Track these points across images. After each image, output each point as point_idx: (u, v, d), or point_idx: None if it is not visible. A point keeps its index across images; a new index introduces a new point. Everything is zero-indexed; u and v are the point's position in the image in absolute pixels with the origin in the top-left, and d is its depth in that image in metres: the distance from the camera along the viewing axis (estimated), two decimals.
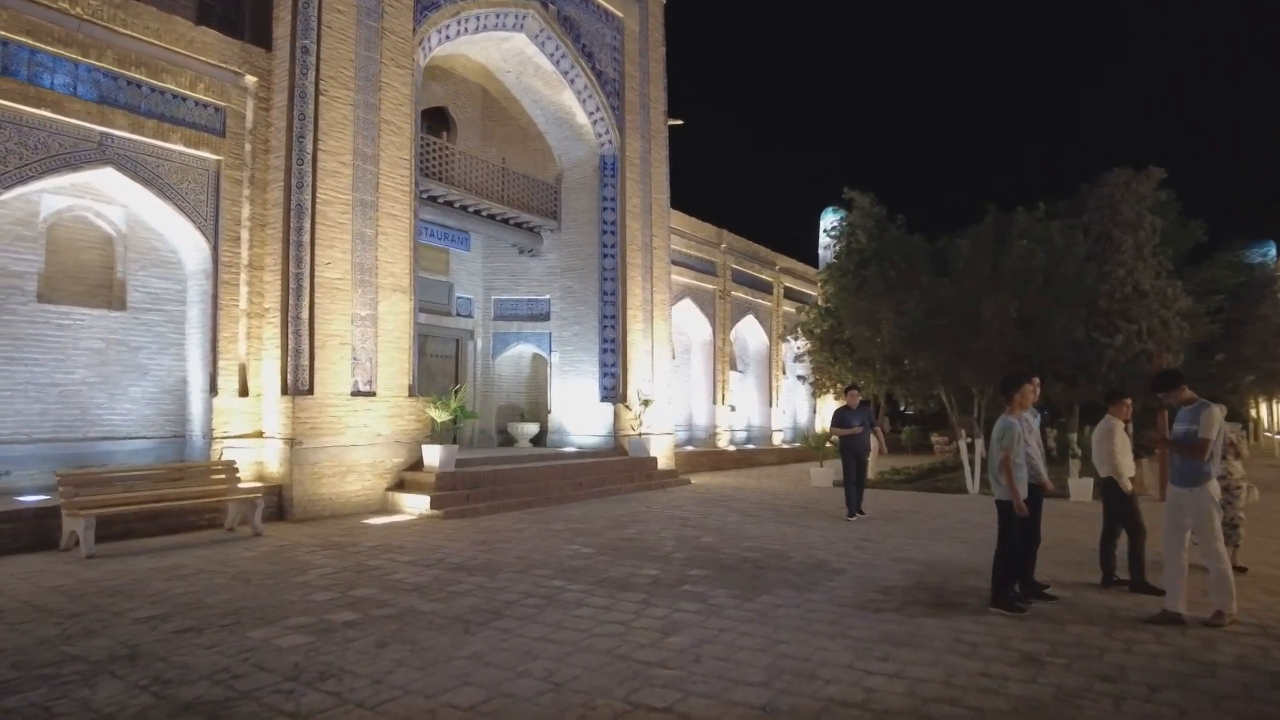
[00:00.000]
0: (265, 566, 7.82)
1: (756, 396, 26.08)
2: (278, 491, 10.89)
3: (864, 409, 11.88)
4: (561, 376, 17.49)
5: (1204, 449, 5.65)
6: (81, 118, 9.61)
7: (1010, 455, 6.12)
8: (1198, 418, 5.74)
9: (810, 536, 9.89)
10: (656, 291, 18.12)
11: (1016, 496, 6.06)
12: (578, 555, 8.42)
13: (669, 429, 18.17)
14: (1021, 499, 6.07)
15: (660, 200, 18.50)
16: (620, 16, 17.51)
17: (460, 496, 11.77)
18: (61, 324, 10.10)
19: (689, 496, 14.39)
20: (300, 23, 11.34)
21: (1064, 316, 14.66)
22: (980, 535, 9.98)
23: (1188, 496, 5.79)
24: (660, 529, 10.34)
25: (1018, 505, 6.05)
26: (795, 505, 13.31)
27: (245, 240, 11.26)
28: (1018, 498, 6.06)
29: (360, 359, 11.75)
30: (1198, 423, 5.73)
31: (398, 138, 12.46)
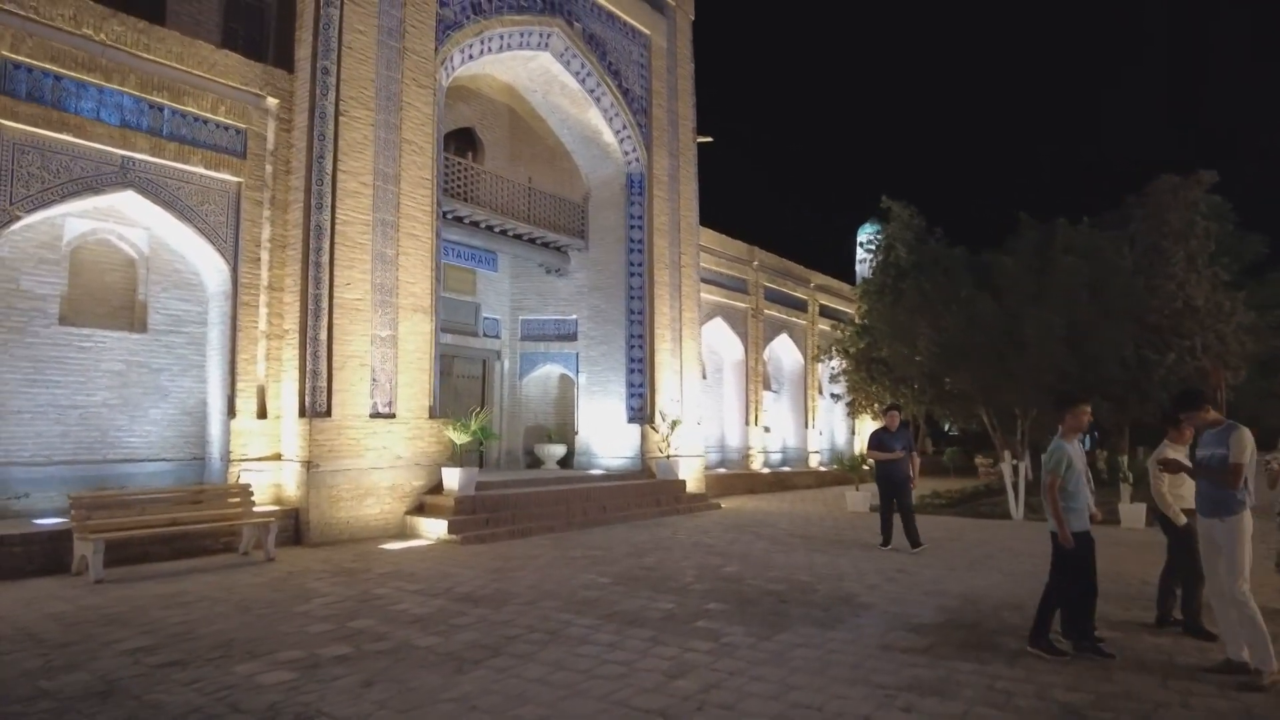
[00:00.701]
0: (269, 594, 7.61)
1: (792, 417, 25.49)
2: (294, 515, 10.74)
3: (904, 431, 11.01)
4: (588, 397, 17.20)
5: (1238, 475, 5.05)
6: (104, 141, 9.67)
7: (1057, 480, 5.58)
8: (1226, 441, 5.15)
9: (842, 566, 9.38)
10: (685, 310, 17.78)
11: (1062, 526, 5.52)
12: (591, 585, 8.06)
13: (698, 450, 17.74)
14: (1069, 530, 5.51)
15: (689, 218, 18.21)
16: (647, 34, 17.36)
17: (479, 521, 11.50)
18: (83, 346, 10.13)
19: (717, 521, 13.93)
20: (321, 44, 11.35)
21: (1112, 333, 13.94)
22: (1023, 565, 9.36)
23: (1219, 528, 5.17)
24: (682, 557, 9.92)
25: (1063, 535, 5.51)
26: (829, 531, 12.77)
27: (265, 261, 11.23)
28: (1063, 527, 5.51)
29: (380, 380, 11.60)
30: (1226, 446, 5.13)
31: (419, 157, 12.38)
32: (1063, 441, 5.71)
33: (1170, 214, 15.01)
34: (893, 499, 10.67)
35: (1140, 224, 15.46)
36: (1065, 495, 5.61)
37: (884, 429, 10.98)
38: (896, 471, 10.60)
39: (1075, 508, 5.62)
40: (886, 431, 10.86)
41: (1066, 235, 14.62)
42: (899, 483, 10.60)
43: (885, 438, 10.77)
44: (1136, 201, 16.15)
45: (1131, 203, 16.28)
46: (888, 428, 10.92)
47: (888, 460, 10.67)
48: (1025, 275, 14.32)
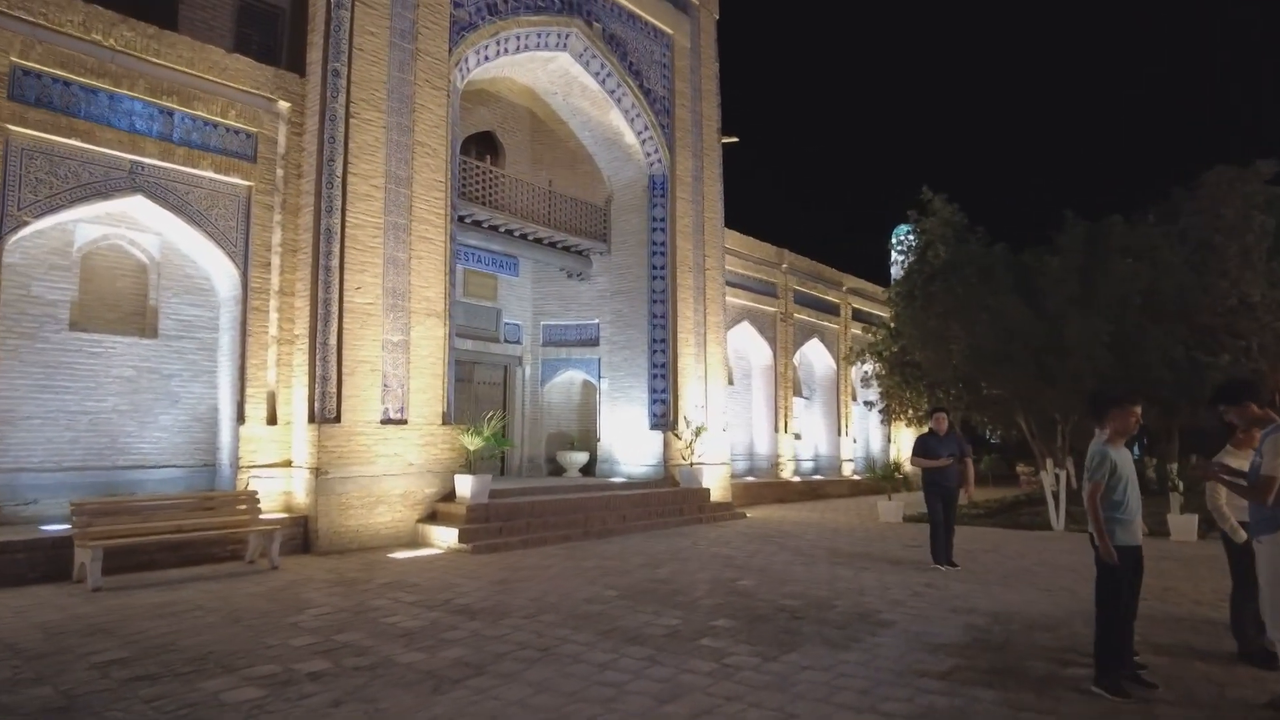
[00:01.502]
0: (263, 604, 7.38)
1: (824, 424, 24.83)
2: (303, 523, 10.56)
3: (953, 436, 9.98)
4: (610, 403, 16.86)
5: (1265, 489, 4.31)
6: (112, 147, 9.64)
7: (1099, 487, 4.96)
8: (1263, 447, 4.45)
9: (865, 580, 8.86)
10: (710, 314, 17.35)
11: (1103, 537, 4.89)
12: (596, 599, 7.68)
13: (724, 458, 17.27)
14: (1110, 542, 4.89)
15: (713, 220, 17.80)
16: (670, 33, 17.04)
17: (492, 530, 11.21)
18: (93, 352, 10.10)
19: (741, 532, 13.45)
20: (332, 47, 11.24)
21: (1162, 335, 13.15)
22: (1062, 580, 8.75)
23: (1258, 550, 4.52)
24: (698, 569, 9.49)
25: (1103, 548, 4.89)
26: (857, 543, 12.21)
27: (276, 266, 11.12)
28: (1104, 539, 4.89)
29: (391, 386, 11.40)
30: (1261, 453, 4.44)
31: (433, 160, 12.20)
32: (1106, 446, 5.07)
33: (1225, 207, 14.16)
34: (942, 509, 9.65)
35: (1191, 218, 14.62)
36: (1110, 505, 4.97)
37: (930, 433, 9.96)
38: (946, 480, 9.63)
39: (1123, 519, 4.97)
40: (933, 436, 9.85)
41: (1120, 233, 13.81)
42: (949, 493, 9.66)
43: (932, 443, 9.76)
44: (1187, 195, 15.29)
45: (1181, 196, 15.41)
46: (935, 431, 9.90)
47: (935, 468, 9.63)
48: (1069, 277, 13.57)
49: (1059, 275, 13.46)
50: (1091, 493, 5.00)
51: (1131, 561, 4.98)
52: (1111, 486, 5.00)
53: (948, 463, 9.59)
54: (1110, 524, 4.95)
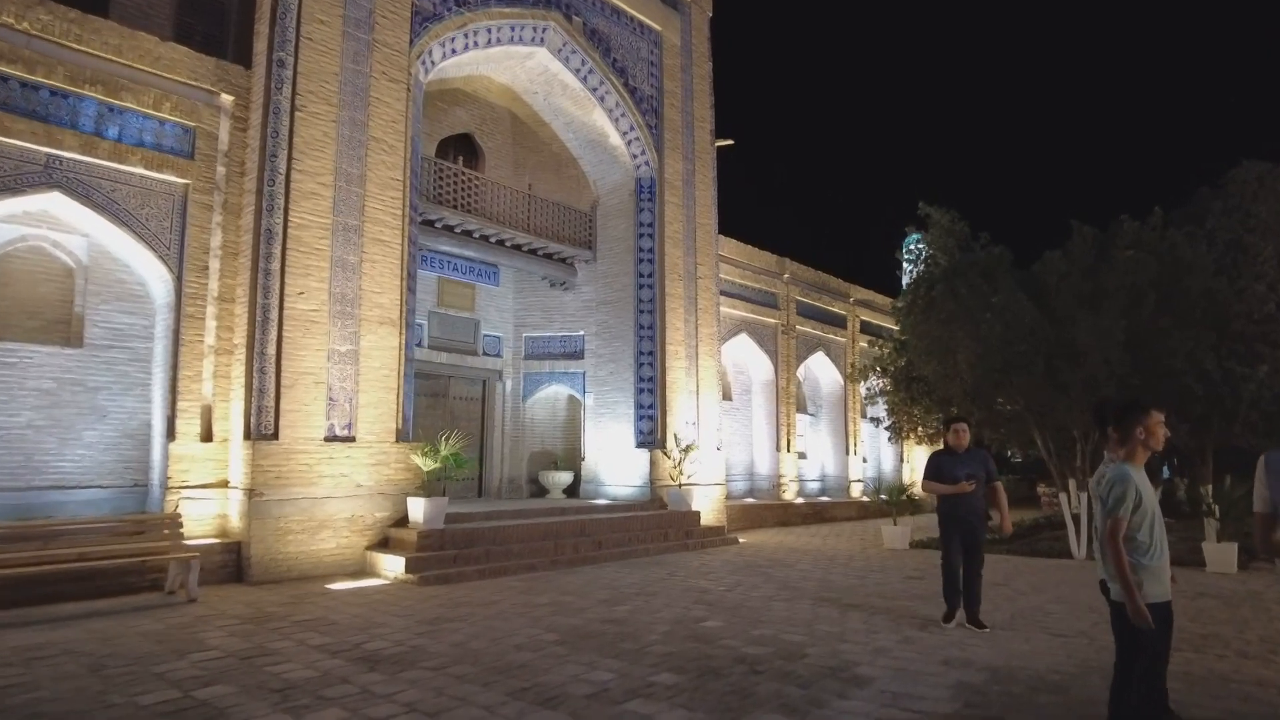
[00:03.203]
0: (147, 647, 6.41)
1: (831, 442, 23.62)
2: (236, 549, 9.62)
3: (977, 454, 7.70)
4: (596, 420, 15.85)
5: None
6: (25, 138, 8.86)
7: (1121, 524, 3.79)
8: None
9: (850, 621, 7.73)
10: (703, 325, 16.31)
11: (1132, 594, 3.71)
12: (529, 645, 6.63)
13: (718, 478, 16.15)
14: (1141, 600, 3.70)
15: (706, 225, 16.82)
16: (658, 30, 16.17)
17: (446, 559, 10.19)
18: (6, 362, 9.28)
19: (728, 560, 12.32)
20: (277, 35, 10.45)
21: (1188, 342, 11.93)
22: (1079, 623, 7.57)
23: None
24: (663, 606, 8.41)
25: (1134, 608, 3.69)
26: (853, 574, 11.06)
27: (215, 270, 10.27)
28: (1134, 598, 3.69)
29: (338, 400, 10.47)
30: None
31: (389, 156, 11.34)
32: (1126, 466, 3.89)
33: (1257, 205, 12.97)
34: (959, 551, 7.45)
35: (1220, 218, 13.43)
36: (1135, 547, 3.82)
37: (945, 450, 7.67)
38: (966, 510, 7.35)
39: (1151, 565, 3.80)
40: (949, 454, 7.58)
41: (1131, 232, 12.68)
42: (971, 529, 7.38)
43: (948, 462, 7.49)
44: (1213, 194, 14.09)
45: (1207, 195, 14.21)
46: (952, 448, 7.60)
47: (954, 493, 7.37)
48: (1078, 273, 12.41)
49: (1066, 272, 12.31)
50: (1112, 532, 3.81)
51: (1161, 622, 3.81)
52: (1135, 523, 3.84)
53: (968, 487, 7.29)
54: (1136, 573, 3.80)
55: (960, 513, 7.41)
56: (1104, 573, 3.99)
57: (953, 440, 7.66)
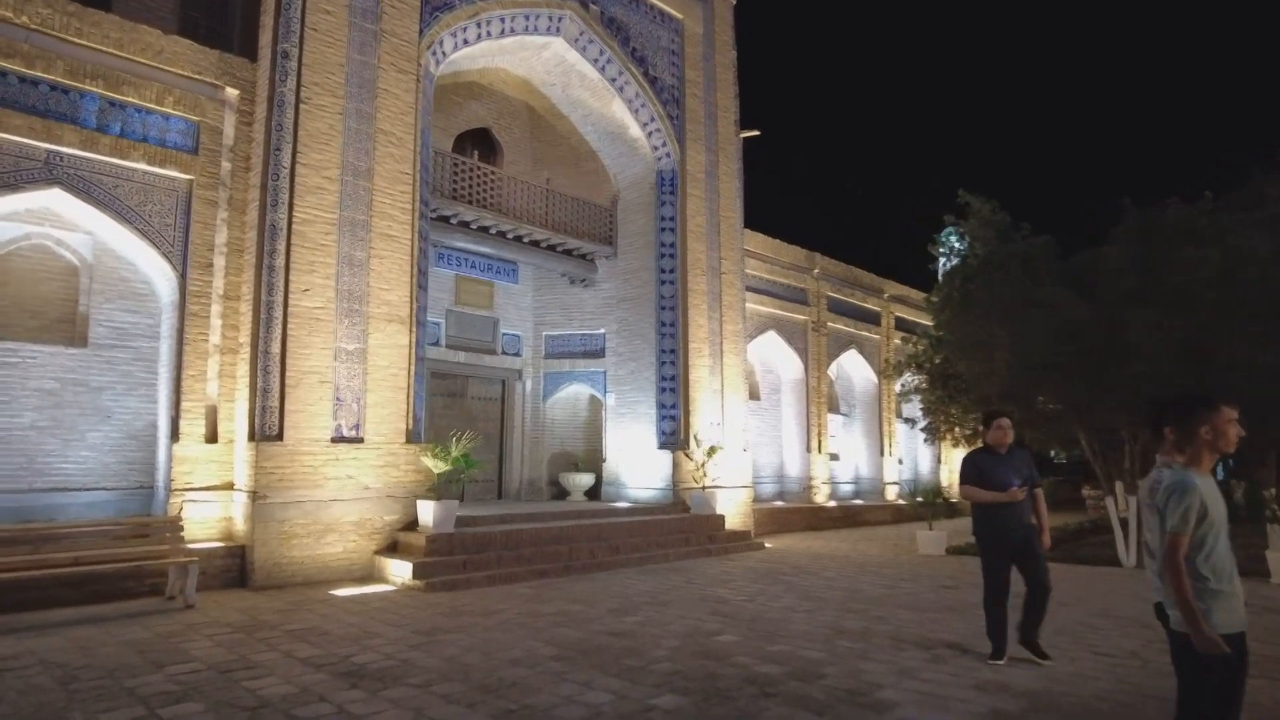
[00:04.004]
0: (128, 658, 6.12)
1: (864, 443, 22.86)
2: (240, 554, 9.36)
3: (1020, 455, 6.53)
4: (617, 420, 15.40)
5: None
6: (23, 134, 8.69)
7: (1183, 541, 3.17)
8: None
9: (875, 635, 7.17)
10: (727, 322, 15.78)
11: (1198, 624, 3.10)
12: (527, 659, 6.20)
13: (744, 481, 15.59)
14: (1209, 628, 3.10)
15: (731, 219, 16.27)
16: (679, 18, 15.68)
17: (454, 564, 9.82)
18: (8, 362, 9.13)
19: (751, 567, 11.79)
20: (281, 26, 10.19)
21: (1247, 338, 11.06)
22: (1129, 641, 6.91)
23: None
24: (676, 617, 7.92)
25: (1200, 638, 3.09)
26: (883, 582, 10.46)
27: (220, 268, 10.05)
28: (1200, 625, 3.10)
29: (345, 400, 10.18)
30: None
31: (398, 150, 11.03)
32: (1188, 473, 3.28)
33: None
34: (1007, 570, 6.31)
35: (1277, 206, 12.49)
36: (1200, 569, 3.19)
37: (984, 449, 6.59)
38: (1012, 521, 6.21)
39: (1220, 590, 3.18)
40: (990, 454, 6.47)
41: (1182, 218, 11.84)
42: (1018, 542, 6.21)
43: (989, 464, 6.36)
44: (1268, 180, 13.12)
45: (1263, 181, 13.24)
46: (992, 447, 6.49)
47: (995, 501, 6.22)
48: (1130, 267, 11.61)
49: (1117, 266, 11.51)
50: (1171, 550, 3.18)
51: (1233, 657, 3.18)
52: (1199, 539, 3.22)
53: (1017, 495, 6.14)
54: (1203, 598, 3.18)
55: (1008, 524, 6.21)
56: (1161, 596, 3.41)
57: (994, 438, 6.48)
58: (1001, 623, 6.29)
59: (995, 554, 6.35)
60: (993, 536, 6.33)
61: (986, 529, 6.37)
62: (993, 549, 6.36)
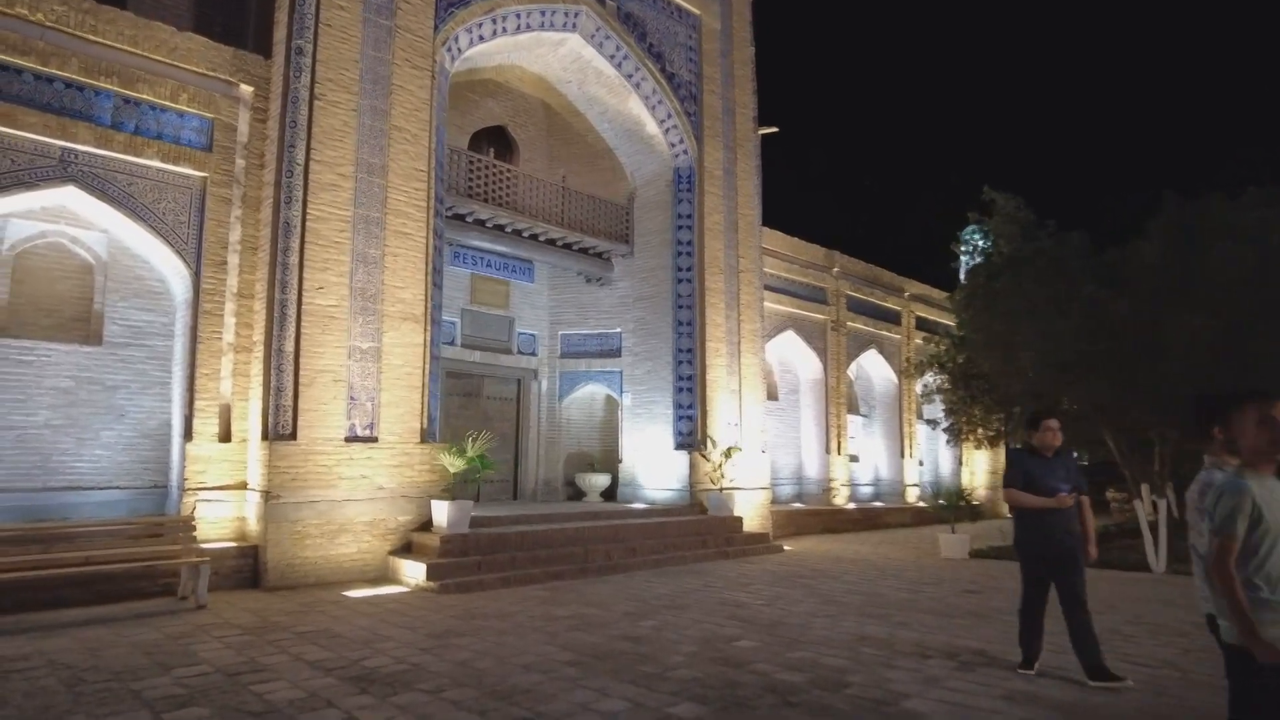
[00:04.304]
0: (134, 660, 6.02)
1: (885, 445, 22.54)
2: (253, 554, 9.29)
3: (1069, 459, 6.10)
4: (633, 420, 15.23)
5: None
6: (38, 131, 8.67)
7: (1233, 547, 2.97)
8: None
9: (900, 641, 6.95)
10: (745, 321, 15.56)
11: (1252, 630, 2.90)
12: (540, 664, 6.04)
13: (762, 482, 15.37)
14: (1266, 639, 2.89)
15: (749, 217, 16.06)
16: (697, 13, 15.50)
17: (469, 565, 9.69)
18: (23, 360, 9.11)
19: (770, 570, 11.57)
20: (296, 22, 10.12)
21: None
22: (1165, 650, 6.64)
23: None
24: (692, 622, 7.73)
25: (1262, 648, 2.88)
26: (905, 586, 10.22)
27: (234, 266, 9.99)
28: (1255, 633, 2.89)
29: (359, 399, 10.08)
30: None
31: (413, 146, 10.93)
32: (1240, 478, 3.06)
33: None
34: (1048, 581, 5.92)
35: None
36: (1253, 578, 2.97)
37: (1026, 449, 6.15)
38: (1058, 529, 5.76)
39: (1274, 600, 2.96)
40: (1035, 455, 6.00)
41: (1223, 211, 11.44)
42: (1063, 551, 5.78)
43: (1036, 467, 5.91)
44: None
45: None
46: (1038, 449, 6.00)
47: (1042, 510, 5.78)
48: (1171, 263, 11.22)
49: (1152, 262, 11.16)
50: (1220, 556, 2.98)
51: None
52: (1253, 546, 2.99)
53: (1067, 502, 5.73)
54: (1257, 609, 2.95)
55: (1054, 533, 5.75)
56: (1211, 606, 3.19)
57: (1042, 440, 5.98)
58: (1035, 631, 6.00)
59: (1036, 562, 5.98)
60: (1035, 544, 5.93)
61: (1029, 536, 5.97)
62: (1034, 557, 5.99)
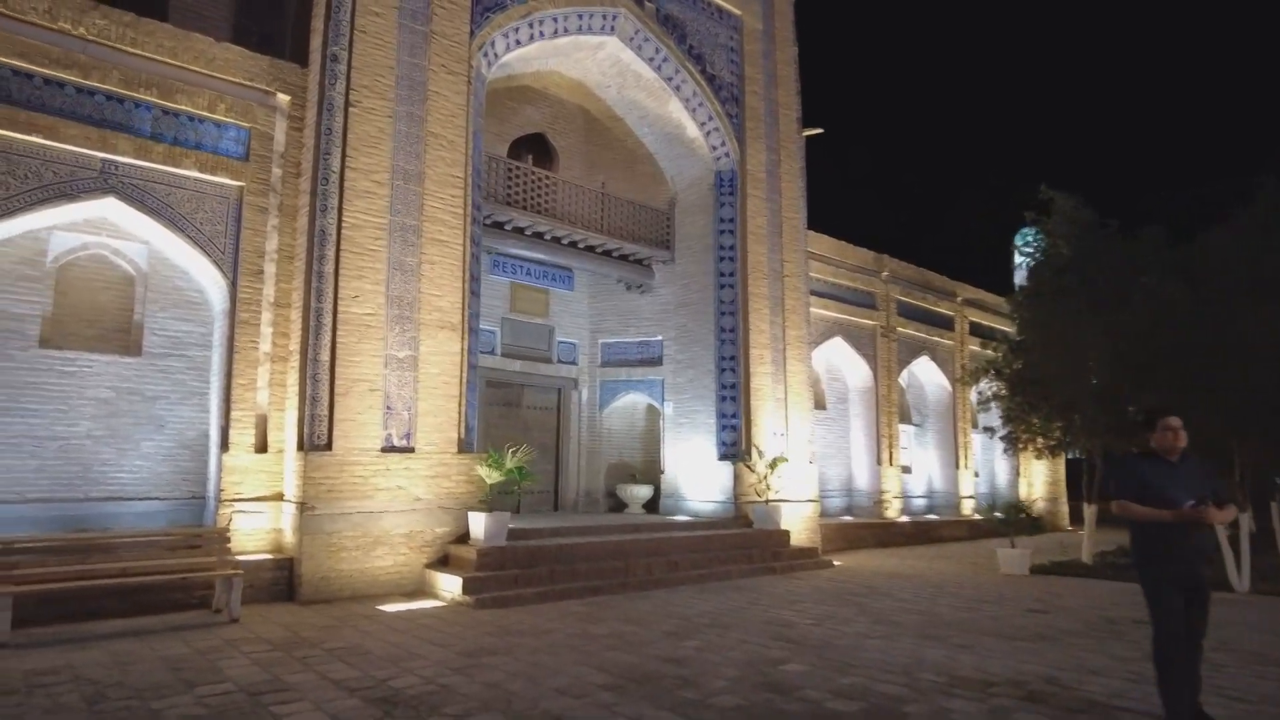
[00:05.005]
0: (159, 676, 5.86)
1: (938, 455, 21.72)
2: (288, 566, 9.16)
3: (1198, 464, 5.04)
4: (675, 430, 14.86)
5: None
6: (79, 144, 8.72)
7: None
8: None
9: (960, 666, 6.45)
10: (790, 327, 15.09)
11: None
12: (572, 689, 5.71)
13: (810, 494, 14.84)
14: None
15: (794, 220, 15.61)
16: (738, 14, 15.16)
17: (506, 579, 9.43)
18: (66, 371, 9.16)
19: (819, 586, 11.07)
20: (331, 29, 10.08)
21: None
22: (1264, 683, 6.03)
23: None
24: (737, 643, 7.32)
25: None
26: (963, 605, 9.64)
27: (271, 275, 9.94)
28: None
29: (395, 408, 9.93)
30: None
31: (449, 153, 10.79)
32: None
33: None
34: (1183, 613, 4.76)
35: None
36: None
37: (1145, 454, 5.10)
38: (1190, 550, 4.79)
39: None
40: (1158, 460, 4.97)
41: None
42: (1194, 578, 4.81)
43: (1156, 475, 4.88)
44: None
45: None
46: (1160, 451, 4.99)
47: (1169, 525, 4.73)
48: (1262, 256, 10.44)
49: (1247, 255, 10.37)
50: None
51: None
52: None
53: (1216, 517, 4.71)
54: None
55: (1184, 553, 4.75)
56: None
57: (1162, 441, 4.95)
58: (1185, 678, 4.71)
59: (1171, 591, 4.78)
60: (1165, 567, 4.82)
61: (1156, 558, 4.86)
62: (1166, 584, 4.81)
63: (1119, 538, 17.71)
